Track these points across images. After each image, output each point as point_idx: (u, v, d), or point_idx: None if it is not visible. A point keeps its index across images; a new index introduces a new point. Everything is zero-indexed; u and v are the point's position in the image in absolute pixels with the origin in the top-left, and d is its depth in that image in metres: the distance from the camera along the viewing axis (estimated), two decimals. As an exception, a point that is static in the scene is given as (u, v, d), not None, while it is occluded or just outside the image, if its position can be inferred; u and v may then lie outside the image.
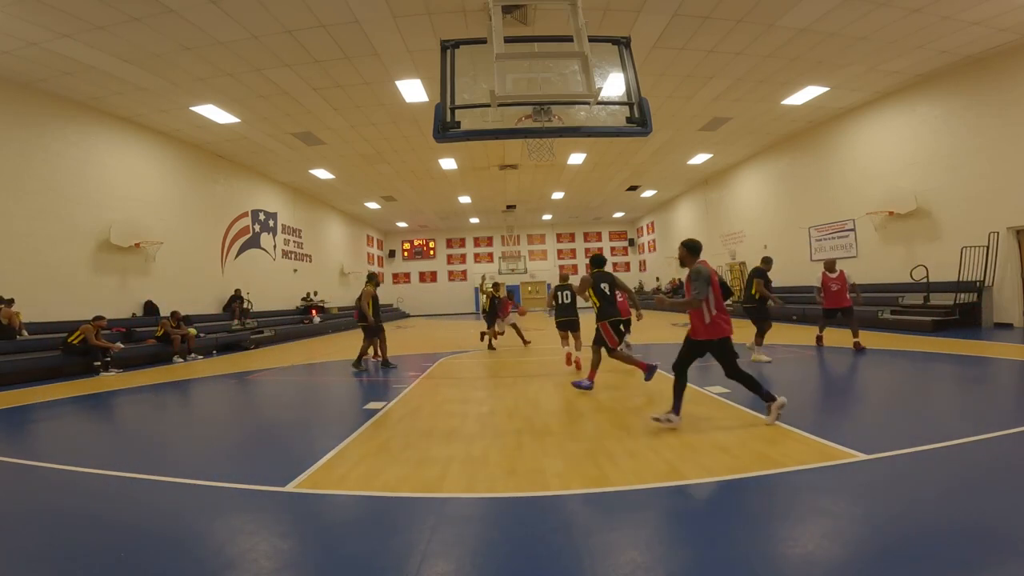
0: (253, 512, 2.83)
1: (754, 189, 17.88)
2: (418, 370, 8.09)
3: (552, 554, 2.19)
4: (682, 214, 24.33)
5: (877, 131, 12.30)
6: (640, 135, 4.38)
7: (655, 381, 5.67)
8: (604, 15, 7.98)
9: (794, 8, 7.96)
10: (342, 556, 2.26)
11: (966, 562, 1.97)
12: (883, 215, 12.01)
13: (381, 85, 10.27)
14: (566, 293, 7.81)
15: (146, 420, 5.69)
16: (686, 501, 2.77)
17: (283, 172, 16.82)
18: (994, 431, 3.46)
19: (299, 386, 7.61)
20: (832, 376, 6.30)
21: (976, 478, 2.81)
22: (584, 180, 19.98)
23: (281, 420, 5.36)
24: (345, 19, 7.84)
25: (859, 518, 2.34)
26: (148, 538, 2.51)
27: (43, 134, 9.62)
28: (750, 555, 2.11)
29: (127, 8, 7.10)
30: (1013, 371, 5.88)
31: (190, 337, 11.14)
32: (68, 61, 8.43)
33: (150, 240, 11.61)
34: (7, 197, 9.00)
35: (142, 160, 11.91)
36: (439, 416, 4.91)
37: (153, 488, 3.23)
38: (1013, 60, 9.26)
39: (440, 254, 32.05)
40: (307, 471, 3.34)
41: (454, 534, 2.46)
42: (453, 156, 15.75)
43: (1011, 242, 9.68)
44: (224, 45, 8.34)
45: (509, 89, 3.98)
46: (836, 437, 3.49)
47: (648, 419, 4.21)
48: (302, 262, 19.76)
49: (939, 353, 7.24)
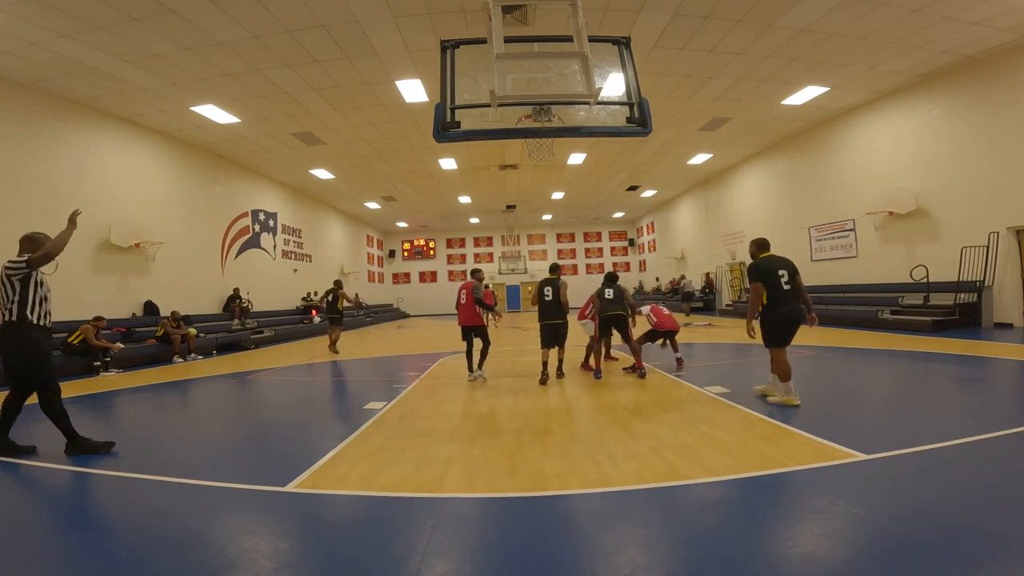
0: (253, 512, 2.83)
1: (754, 189, 17.88)
2: (418, 370, 8.09)
3: (552, 554, 2.19)
4: (682, 214, 24.33)
5: (877, 131, 12.30)
6: (640, 135, 4.39)
7: (652, 381, 5.66)
8: (604, 15, 7.98)
9: (794, 8, 7.96)
10: (342, 556, 2.25)
11: (966, 562, 1.97)
12: (883, 215, 12.01)
13: (381, 85, 10.27)
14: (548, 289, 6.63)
15: (146, 420, 5.68)
16: (686, 501, 2.77)
17: (283, 172, 16.82)
18: (994, 431, 3.46)
19: (299, 386, 7.61)
20: (832, 376, 6.30)
21: (976, 478, 2.81)
22: (584, 180, 19.98)
23: (281, 420, 5.36)
24: (345, 19, 7.84)
25: (859, 518, 2.34)
26: (148, 538, 2.51)
27: (42, 133, 9.61)
28: (750, 555, 2.11)
29: (127, 8, 7.10)
30: (1013, 371, 5.88)
31: (190, 337, 11.14)
32: (68, 61, 8.43)
33: (150, 240, 11.61)
34: (7, 197, 8.99)
35: (142, 160, 11.91)
36: (439, 416, 4.90)
37: (153, 488, 3.23)
38: (1013, 60, 9.26)
39: (440, 254, 32.05)
40: (307, 471, 3.33)
41: (454, 534, 2.46)
42: (453, 156, 15.75)
43: (1011, 242, 9.68)
44: (224, 45, 8.34)
45: (509, 89, 3.98)
46: (836, 437, 3.49)
47: (648, 418, 4.21)
48: (302, 262, 19.77)
49: (939, 353, 7.23)
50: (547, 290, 6.63)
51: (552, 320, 6.55)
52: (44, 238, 4.04)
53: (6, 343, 3.85)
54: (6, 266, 3.82)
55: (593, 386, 6.05)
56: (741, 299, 18.23)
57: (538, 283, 6.86)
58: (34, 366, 3.87)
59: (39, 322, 3.86)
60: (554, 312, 6.55)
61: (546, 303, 6.62)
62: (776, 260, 4.75)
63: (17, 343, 3.82)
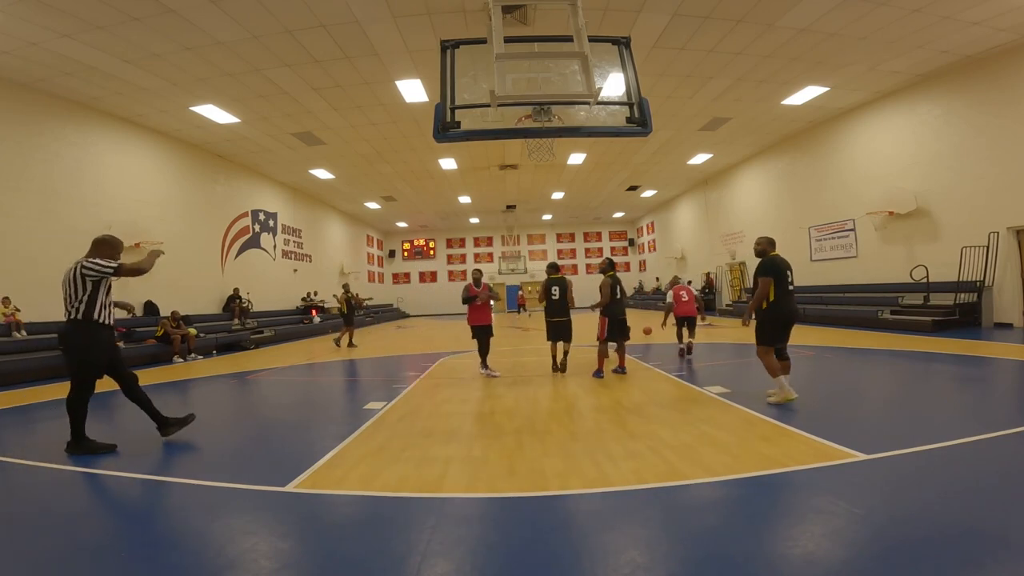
0: (253, 512, 2.83)
1: (754, 189, 17.88)
2: (418, 370, 8.09)
3: (552, 554, 2.19)
4: (682, 214, 24.34)
5: (877, 131, 12.30)
6: (640, 135, 4.39)
7: (652, 381, 5.66)
8: (604, 15, 7.98)
9: (794, 8, 7.96)
10: (342, 556, 2.25)
11: (966, 562, 1.97)
12: (883, 215, 12.02)
13: (381, 85, 10.27)
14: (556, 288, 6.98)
15: (146, 420, 5.67)
16: (686, 501, 2.77)
17: (283, 172, 16.82)
18: (994, 431, 3.46)
19: (299, 386, 7.61)
20: (832, 376, 6.30)
21: (976, 478, 2.81)
22: (584, 180, 19.98)
23: (281, 420, 5.35)
24: (345, 19, 7.84)
25: (859, 518, 2.34)
26: (149, 538, 2.51)
27: (42, 133, 9.62)
28: (750, 555, 2.11)
29: (127, 8, 7.10)
30: (1013, 371, 5.88)
31: (190, 337, 11.15)
32: (68, 61, 8.43)
33: (150, 240, 11.58)
34: (7, 197, 9.00)
35: (142, 160, 11.91)
36: (439, 416, 4.90)
37: (153, 488, 3.23)
38: (1013, 60, 9.26)
39: (440, 254, 32.06)
40: (307, 471, 3.33)
41: (454, 534, 2.46)
42: (453, 156, 15.76)
43: (1011, 242, 9.68)
44: (224, 45, 8.34)
45: (509, 89, 3.98)
46: (836, 437, 3.49)
47: (648, 418, 4.21)
48: (302, 262, 19.77)
49: (939, 353, 7.23)
50: (555, 289, 6.98)
51: (558, 317, 6.96)
52: (119, 244, 4.29)
53: (70, 340, 3.98)
54: (84, 265, 3.93)
55: (593, 386, 6.05)
56: (741, 299, 18.23)
57: (544, 282, 7.16)
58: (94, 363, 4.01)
59: (104, 321, 4.04)
60: (560, 310, 6.94)
61: (553, 301, 6.97)
62: (784, 260, 4.80)
63: (80, 341, 3.93)
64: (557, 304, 6.94)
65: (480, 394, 5.96)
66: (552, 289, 6.97)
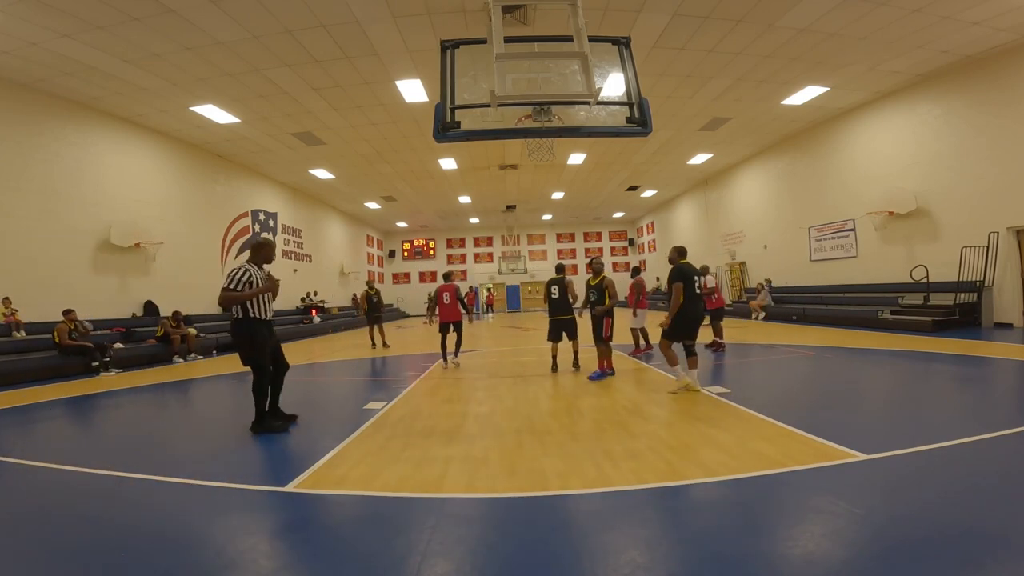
0: (253, 512, 2.83)
1: (754, 189, 17.88)
2: (418, 370, 8.09)
3: (552, 554, 2.19)
4: (682, 214, 24.33)
5: (877, 131, 12.29)
6: (640, 135, 4.39)
7: (655, 381, 5.66)
8: (604, 15, 7.98)
9: (794, 8, 7.96)
10: (342, 556, 2.26)
11: (966, 562, 1.97)
12: (883, 215, 12.02)
13: (381, 85, 10.27)
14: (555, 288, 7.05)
15: (146, 420, 5.69)
16: (686, 501, 2.77)
17: (283, 172, 16.81)
18: (994, 431, 3.46)
19: (299, 386, 7.60)
20: (832, 376, 6.30)
21: (976, 478, 2.81)
22: (584, 180, 19.98)
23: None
24: (345, 19, 7.84)
25: (859, 518, 2.34)
26: (149, 538, 2.51)
27: (42, 133, 9.62)
28: (750, 555, 2.11)
29: (127, 8, 7.10)
30: (1013, 371, 5.88)
31: (190, 337, 11.14)
32: (68, 61, 8.43)
33: (150, 240, 11.62)
34: (7, 197, 9.00)
35: (142, 160, 11.91)
36: (439, 416, 4.90)
37: (153, 488, 3.23)
38: (1013, 60, 9.26)
39: (440, 254, 32.04)
40: (307, 471, 3.34)
41: (454, 534, 2.46)
42: (453, 156, 15.75)
43: (1011, 242, 9.68)
44: (224, 45, 8.34)
45: (509, 89, 3.98)
46: (836, 437, 3.49)
47: (648, 418, 4.21)
48: (302, 262, 19.76)
49: (939, 353, 7.23)
50: (554, 288, 7.11)
51: (559, 316, 7.05)
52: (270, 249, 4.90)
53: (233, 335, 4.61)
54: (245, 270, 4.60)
55: (593, 386, 6.05)
56: (741, 299, 18.23)
57: (546, 282, 7.32)
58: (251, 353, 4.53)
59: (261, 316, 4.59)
60: (561, 308, 7.05)
61: (553, 300, 7.10)
62: (692, 267, 5.48)
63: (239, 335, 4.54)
64: (557, 303, 7.07)
65: (480, 394, 5.96)
66: (552, 289, 7.11)
